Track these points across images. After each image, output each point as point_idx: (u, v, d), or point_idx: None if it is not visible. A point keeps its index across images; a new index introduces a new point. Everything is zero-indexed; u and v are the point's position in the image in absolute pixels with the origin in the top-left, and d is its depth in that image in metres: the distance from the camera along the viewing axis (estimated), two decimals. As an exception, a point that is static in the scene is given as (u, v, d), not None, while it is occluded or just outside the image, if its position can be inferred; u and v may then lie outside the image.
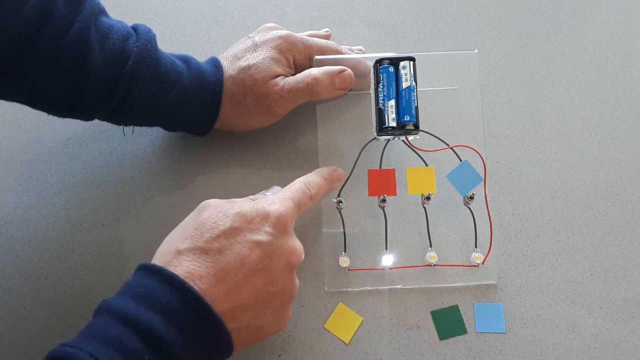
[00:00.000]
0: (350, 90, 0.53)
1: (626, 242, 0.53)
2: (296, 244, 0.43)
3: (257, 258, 0.40)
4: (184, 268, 0.38)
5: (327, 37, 0.59)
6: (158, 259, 0.40)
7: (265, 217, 0.42)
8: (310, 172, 0.50)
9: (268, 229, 0.41)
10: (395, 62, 0.50)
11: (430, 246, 0.52)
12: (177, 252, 0.40)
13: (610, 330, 0.49)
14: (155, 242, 0.52)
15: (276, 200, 0.44)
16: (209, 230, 0.40)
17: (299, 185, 0.47)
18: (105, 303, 0.37)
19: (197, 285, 0.37)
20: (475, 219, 0.51)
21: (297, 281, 0.43)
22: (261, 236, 0.41)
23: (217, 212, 0.42)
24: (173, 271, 0.38)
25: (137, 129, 0.57)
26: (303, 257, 0.43)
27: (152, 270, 0.38)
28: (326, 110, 0.55)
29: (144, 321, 0.35)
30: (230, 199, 0.44)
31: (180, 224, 0.43)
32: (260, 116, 0.53)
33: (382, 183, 0.51)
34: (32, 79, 0.44)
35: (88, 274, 0.51)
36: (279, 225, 0.42)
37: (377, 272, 0.51)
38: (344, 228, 0.52)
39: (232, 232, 0.40)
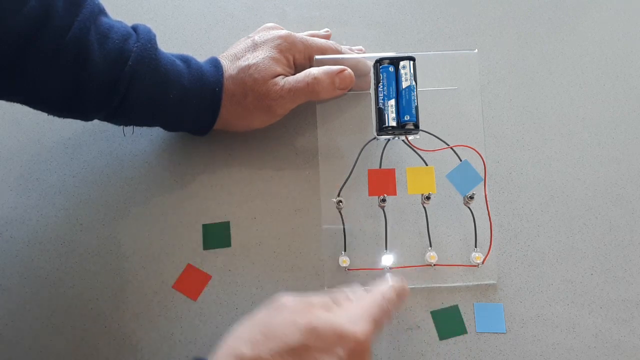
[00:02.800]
0: (350, 90, 0.53)
1: (626, 242, 0.53)
2: None
3: None
4: None
5: (327, 37, 0.59)
6: (222, 357, 0.37)
7: (341, 338, 0.37)
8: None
9: (342, 353, 0.36)
10: (395, 61, 0.50)
11: (430, 246, 0.52)
12: (240, 358, 0.36)
13: (610, 330, 0.49)
14: (155, 242, 0.53)
15: (357, 318, 0.38)
16: (278, 342, 0.36)
17: (378, 300, 0.41)
18: None
19: None
20: (475, 218, 0.51)
21: None
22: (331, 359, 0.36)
23: (290, 320, 0.37)
24: None
25: (137, 129, 0.57)
26: None
27: None
28: (326, 110, 0.55)
29: None
30: (310, 300, 0.40)
31: (252, 318, 0.39)
32: (260, 116, 0.53)
33: (382, 183, 0.51)
34: (32, 79, 0.44)
35: (88, 274, 0.51)
36: (356, 352, 0.37)
37: (377, 272, 0.51)
38: (344, 228, 0.52)
39: (300, 350, 0.36)
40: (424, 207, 0.52)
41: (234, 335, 0.38)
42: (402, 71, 0.50)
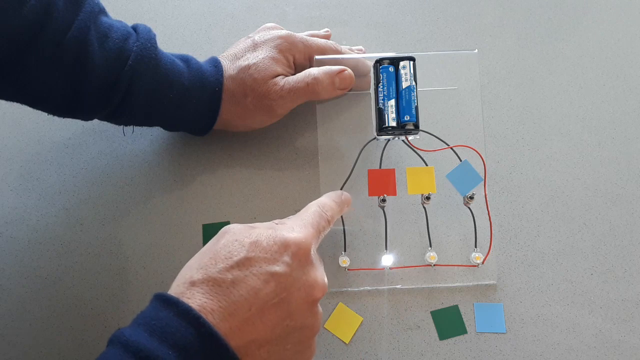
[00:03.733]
0: (350, 90, 0.53)
1: (626, 242, 0.53)
2: (318, 275, 0.40)
3: (272, 291, 0.37)
4: (196, 301, 0.36)
5: (327, 37, 0.59)
6: (174, 289, 0.38)
7: (283, 245, 0.39)
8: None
9: (287, 258, 0.38)
10: (395, 62, 0.50)
11: (430, 246, 0.52)
12: (190, 282, 0.37)
13: (610, 330, 0.49)
14: (155, 242, 0.53)
15: (295, 226, 0.41)
16: (223, 260, 0.38)
17: (315, 208, 0.44)
18: (119, 333, 0.35)
19: (209, 319, 0.36)
20: (475, 218, 0.51)
21: (320, 314, 0.41)
22: (278, 267, 0.38)
23: (233, 239, 0.39)
24: (188, 302, 0.36)
25: (137, 129, 0.57)
26: (326, 289, 0.41)
27: (168, 301, 0.37)
28: (326, 110, 0.55)
29: (156, 356, 0.34)
30: (252, 224, 0.42)
31: (201, 249, 0.41)
32: (260, 116, 0.53)
33: (382, 183, 0.51)
34: (32, 79, 0.44)
35: (88, 274, 0.51)
36: (299, 254, 0.39)
37: (377, 272, 0.51)
38: (343, 228, 0.52)
39: (246, 263, 0.38)
40: (424, 207, 0.52)
41: (185, 267, 0.40)
42: (402, 71, 0.50)
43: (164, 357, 0.34)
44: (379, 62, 0.51)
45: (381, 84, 0.50)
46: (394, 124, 0.49)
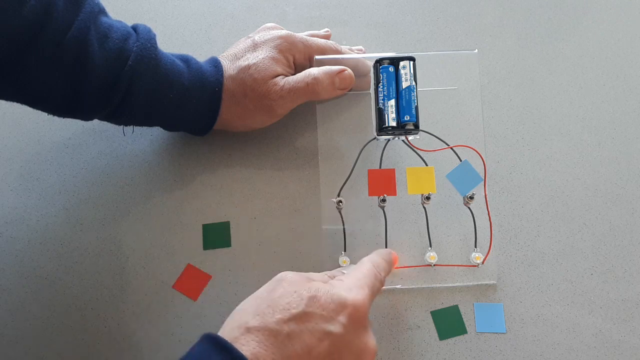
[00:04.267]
0: (350, 90, 0.53)
1: (626, 242, 0.53)
2: (370, 341, 0.40)
3: (326, 350, 0.37)
4: (250, 349, 0.36)
5: (327, 37, 0.59)
6: (227, 332, 0.38)
7: (341, 305, 0.39)
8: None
9: (343, 319, 0.38)
10: (395, 62, 0.50)
11: (430, 246, 0.52)
12: (246, 328, 0.37)
13: (610, 330, 0.49)
14: (155, 242, 0.53)
15: (353, 286, 0.41)
16: (281, 311, 0.38)
17: (369, 267, 0.44)
18: None
19: None
20: (475, 219, 0.51)
21: None
22: (333, 327, 0.38)
23: (292, 290, 0.39)
24: (239, 350, 0.36)
25: (137, 129, 0.57)
26: (376, 354, 0.40)
27: (223, 347, 0.36)
28: (326, 110, 0.55)
29: None
30: (308, 275, 0.42)
31: (255, 293, 0.41)
32: (260, 116, 0.53)
33: (382, 183, 0.51)
34: (32, 79, 0.44)
35: (88, 274, 0.51)
36: (355, 316, 0.39)
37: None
38: (344, 228, 0.52)
39: (304, 318, 0.38)
40: (424, 207, 0.52)
41: (239, 310, 0.40)
42: (402, 71, 0.50)
43: None
44: (379, 62, 0.51)
45: (381, 84, 0.50)
46: (394, 124, 0.49)
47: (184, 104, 0.50)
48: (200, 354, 0.36)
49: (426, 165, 0.51)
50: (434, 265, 0.51)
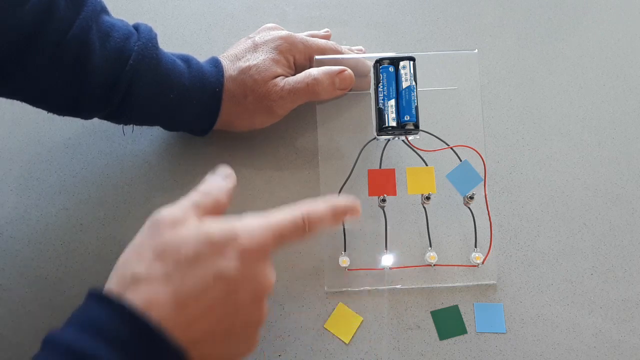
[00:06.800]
0: (350, 90, 0.53)
1: (626, 242, 0.53)
2: (267, 274, 0.38)
3: (221, 290, 0.36)
4: (141, 296, 0.34)
5: (327, 37, 0.59)
6: (114, 284, 0.36)
7: (233, 241, 0.36)
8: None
9: (233, 256, 0.36)
10: (395, 62, 0.50)
11: (430, 246, 0.52)
12: (133, 278, 0.35)
13: (610, 330, 0.49)
14: (155, 242, 0.53)
15: (254, 223, 0.38)
16: (171, 257, 0.36)
17: (292, 212, 0.39)
18: (49, 335, 0.34)
19: (156, 314, 0.34)
20: (475, 218, 0.51)
21: (266, 309, 0.39)
22: (226, 266, 0.36)
23: (179, 234, 0.37)
24: (131, 298, 0.34)
25: (137, 128, 0.57)
26: (273, 287, 0.39)
27: (102, 298, 0.35)
28: (326, 110, 0.55)
29: (86, 351, 0.32)
30: (184, 207, 0.38)
31: (134, 242, 0.38)
32: (260, 116, 0.53)
33: (382, 183, 0.51)
34: (32, 77, 0.44)
35: (88, 274, 0.51)
36: (248, 254, 0.37)
37: (376, 272, 0.51)
38: (344, 228, 0.52)
39: (195, 259, 0.36)
40: (424, 207, 0.52)
41: (123, 261, 0.37)
42: (402, 71, 0.50)
43: (95, 351, 0.32)
44: (379, 62, 0.51)
45: (381, 84, 0.50)
46: (394, 124, 0.49)
47: (184, 104, 0.50)
48: (83, 310, 0.35)
49: (426, 165, 0.51)
50: (434, 265, 0.51)
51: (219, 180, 0.42)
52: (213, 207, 0.40)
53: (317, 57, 0.53)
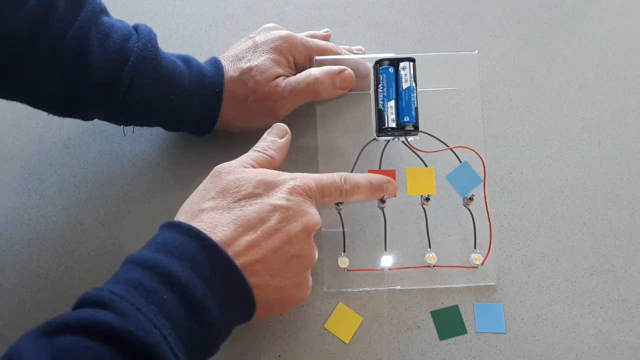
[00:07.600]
0: (350, 90, 0.53)
1: (626, 242, 0.53)
2: (313, 212, 0.44)
3: (276, 220, 0.42)
4: (206, 222, 0.41)
5: (326, 37, 0.59)
6: (181, 217, 0.42)
7: (284, 182, 0.44)
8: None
9: (285, 193, 0.43)
10: (395, 62, 0.50)
11: (430, 247, 0.52)
12: (199, 210, 0.42)
13: (610, 330, 0.49)
14: (155, 242, 0.52)
15: (300, 175, 0.45)
16: (232, 194, 0.42)
17: (334, 175, 0.47)
18: (128, 257, 0.39)
19: (218, 236, 0.40)
20: (475, 220, 0.51)
21: (315, 248, 0.44)
22: (279, 201, 0.42)
23: (238, 176, 0.43)
24: (197, 225, 0.40)
25: (137, 129, 0.57)
26: (320, 225, 0.44)
27: (172, 224, 0.41)
28: (326, 110, 0.55)
29: (162, 264, 0.37)
30: (243, 161, 0.46)
31: (199, 188, 0.45)
32: (261, 117, 0.53)
33: (382, 183, 0.51)
34: (32, 78, 0.44)
35: (88, 274, 0.51)
36: (297, 191, 0.43)
37: (376, 272, 0.51)
38: (343, 228, 0.52)
39: (253, 196, 0.42)
40: (424, 208, 0.52)
41: (189, 201, 0.44)
42: (402, 72, 0.50)
43: (169, 264, 0.37)
44: (378, 63, 0.51)
45: (381, 85, 0.50)
46: (393, 125, 0.49)
47: (184, 104, 0.50)
48: (156, 236, 0.40)
49: (426, 166, 0.51)
50: (433, 266, 0.51)
51: (274, 138, 0.49)
52: (267, 162, 0.47)
53: (317, 57, 0.53)
